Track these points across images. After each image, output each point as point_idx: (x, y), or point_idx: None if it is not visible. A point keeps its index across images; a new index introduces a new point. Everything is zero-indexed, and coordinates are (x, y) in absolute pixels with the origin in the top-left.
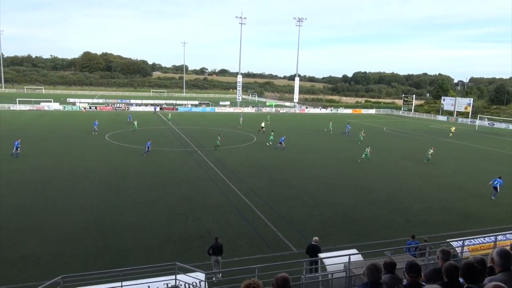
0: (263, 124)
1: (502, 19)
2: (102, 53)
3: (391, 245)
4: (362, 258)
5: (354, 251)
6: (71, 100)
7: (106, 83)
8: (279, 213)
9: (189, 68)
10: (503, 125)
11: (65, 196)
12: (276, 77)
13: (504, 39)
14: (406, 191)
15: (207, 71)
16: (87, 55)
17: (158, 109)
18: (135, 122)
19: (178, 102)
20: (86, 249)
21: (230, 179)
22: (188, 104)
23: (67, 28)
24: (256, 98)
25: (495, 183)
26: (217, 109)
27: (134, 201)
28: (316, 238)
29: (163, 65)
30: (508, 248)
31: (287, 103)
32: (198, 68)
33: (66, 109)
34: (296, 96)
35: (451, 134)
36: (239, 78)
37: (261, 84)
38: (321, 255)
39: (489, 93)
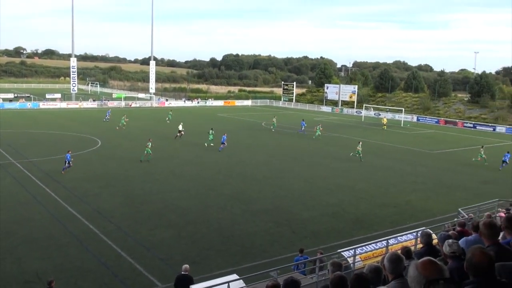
0: (180, 127)
1: None
2: None
3: (277, 264)
4: (244, 284)
5: (234, 276)
6: None
7: None
8: (137, 238)
9: None
10: (389, 115)
11: None
12: (125, 60)
13: (389, 18)
14: (292, 197)
15: (25, 52)
16: None
17: None
18: None
19: None
20: None
21: (67, 200)
22: None
23: None
24: (99, 89)
25: (506, 157)
26: (43, 105)
27: None
28: (186, 266)
29: None
30: (399, 251)
31: (141, 95)
32: (11, 47)
33: None
34: (152, 85)
35: (385, 127)
36: (73, 62)
37: (105, 70)
38: (194, 287)
39: (373, 79)
